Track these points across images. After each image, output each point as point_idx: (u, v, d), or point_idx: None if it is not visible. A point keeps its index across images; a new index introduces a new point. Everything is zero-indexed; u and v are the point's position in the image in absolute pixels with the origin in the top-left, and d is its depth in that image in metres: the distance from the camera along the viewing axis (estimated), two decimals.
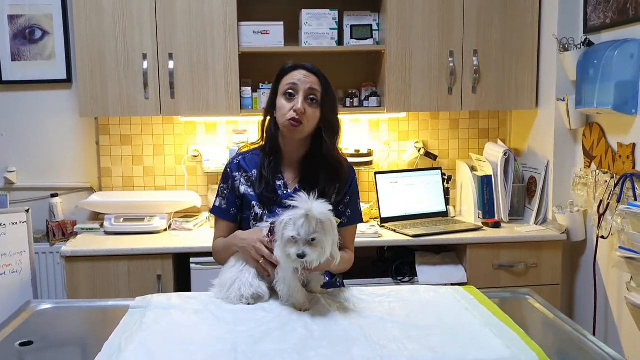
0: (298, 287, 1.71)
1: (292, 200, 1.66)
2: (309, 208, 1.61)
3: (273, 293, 1.78)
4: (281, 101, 1.93)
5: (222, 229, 2.04)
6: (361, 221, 2.12)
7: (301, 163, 2.01)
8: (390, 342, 1.47)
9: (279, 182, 1.99)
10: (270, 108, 1.99)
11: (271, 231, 1.76)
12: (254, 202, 1.97)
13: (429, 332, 1.54)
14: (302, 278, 1.73)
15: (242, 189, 2.00)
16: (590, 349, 1.54)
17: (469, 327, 1.59)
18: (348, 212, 2.02)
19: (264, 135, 2.03)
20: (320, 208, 1.63)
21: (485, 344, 1.47)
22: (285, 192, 1.97)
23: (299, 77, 1.92)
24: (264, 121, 2.03)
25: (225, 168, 2.06)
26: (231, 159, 2.09)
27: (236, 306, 1.72)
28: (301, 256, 1.62)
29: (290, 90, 1.91)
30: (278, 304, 1.73)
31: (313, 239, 1.62)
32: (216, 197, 2.06)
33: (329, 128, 1.96)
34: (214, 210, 2.07)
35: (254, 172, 2.00)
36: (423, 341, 1.48)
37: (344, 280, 2.18)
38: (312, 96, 1.92)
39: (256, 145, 2.06)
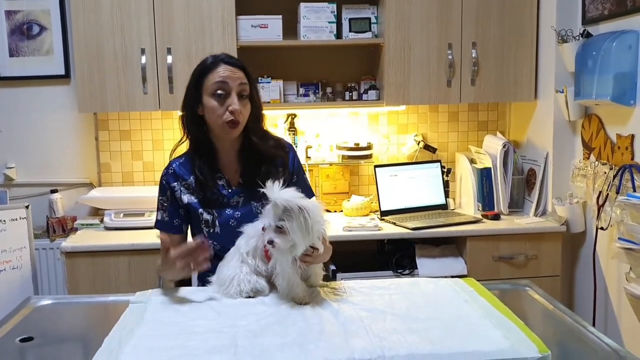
0: (297, 281, 1.71)
1: (262, 188, 1.64)
2: (273, 195, 1.61)
3: (273, 287, 1.78)
4: (211, 102, 1.86)
5: (168, 243, 1.98)
6: (313, 195, 2.05)
7: (238, 157, 1.96)
8: (390, 334, 1.47)
9: (220, 182, 1.94)
10: (192, 105, 1.90)
11: None
12: (200, 210, 1.93)
13: (428, 324, 1.54)
14: (301, 272, 1.73)
15: (185, 198, 1.94)
16: (589, 340, 1.55)
17: (469, 319, 1.59)
18: (299, 190, 1.99)
19: (188, 134, 1.95)
20: (285, 195, 1.61)
21: (485, 336, 1.47)
22: (229, 190, 1.94)
23: (227, 75, 1.85)
24: (185, 118, 1.94)
25: (161, 179, 1.98)
26: (165, 168, 1.99)
27: (236, 300, 1.72)
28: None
29: (219, 91, 1.84)
30: (278, 297, 1.73)
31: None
32: (157, 211, 1.99)
33: (258, 117, 1.93)
34: (157, 225, 2.00)
35: (192, 178, 1.94)
36: (423, 333, 1.48)
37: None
38: (243, 92, 1.87)
39: (183, 144, 1.99)
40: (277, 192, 1.62)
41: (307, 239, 1.64)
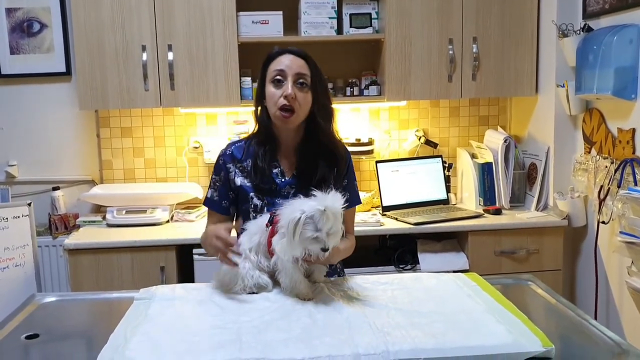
0: (300, 278, 1.71)
1: (311, 197, 1.66)
2: (328, 205, 1.61)
3: (276, 283, 1.78)
4: (270, 89, 1.88)
5: (214, 221, 2.02)
6: (360, 202, 2.10)
7: (297, 150, 1.97)
8: (394, 329, 1.48)
9: (275, 170, 1.95)
10: (261, 97, 1.94)
11: (270, 221, 1.76)
12: (251, 194, 1.94)
13: (432, 319, 1.55)
14: (304, 269, 1.73)
15: (238, 180, 1.96)
16: (592, 333, 1.55)
17: (472, 313, 1.59)
18: (347, 195, 1.95)
19: (258, 124, 1.98)
20: (336, 202, 1.64)
21: (488, 330, 1.47)
22: (282, 180, 1.95)
23: (286, 63, 1.86)
24: (256, 111, 1.98)
25: (218, 159, 2.01)
26: (223, 149, 2.02)
27: (240, 296, 1.73)
28: (325, 250, 1.63)
29: (278, 77, 1.86)
30: (281, 293, 1.74)
31: (331, 233, 1.63)
32: (208, 189, 2.03)
33: (323, 112, 1.92)
34: (206, 202, 2.03)
35: (249, 161, 1.96)
36: (426, 328, 1.49)
37: (345, 269, 2.17)
38: (301, 80, 1.86)
39: (249, 134, 2.03)
40: (330, 201, 1.63)
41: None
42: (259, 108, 1.96)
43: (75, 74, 3.12)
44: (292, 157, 1.98)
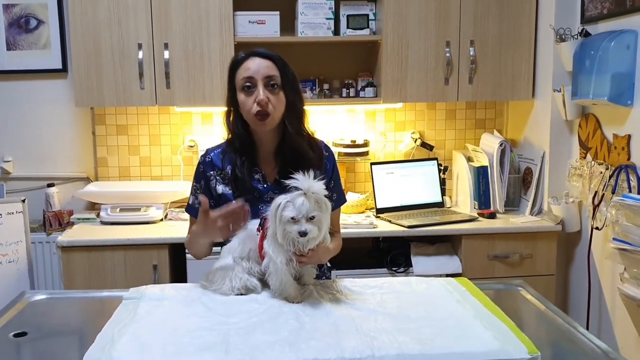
0: (290, 281, 1.71)
1: (290, 180, 1.63)
2: (308, 187, 1.61)
3: (265, 285, 1.78)
4: (241, 97, 1.85)
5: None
6: (345, 201, 2.08)
7: (277, 153, 1.94)
8: (381, 334, 1.47)
9: (256, 176, 1.92)
10: (232, 104, 1.91)
11: (261, 225, 1.75)
12: (233, 202, 1.88)
13: (419, 324, 1.54)
14: (294, 272, 1.73)
15: (220, 189, 1.93)
16: (580, 341, 1.55)
17: (460, 319, 1.59)
18: (334, 196, 1.98)
19: (231, 132, 1.94)
20: (319, 187, 1.63)
21: (475, 336, 1.47)
22: (264, 185, 1.92)
23: (254, 68, 1.83)
24: (227, 118, 1.94)
25: (198, 166, 1.98)
26: (202, 156, 1.99)
27: (228, 298, 1.73)
28: (303, 234, 1.61)
29: (247, 84, 1.83)
30: (270, 296, 1.74)
31: (312, 217, 1.62)
32: (190, 195, 2.00)
33: (293, 112, 1.88)
34: (188, 209, 2.01)
35: (229, 168, 1.92)
36: (413, 333, 1.49)
37: (335, 271, 2.16)
38: (272, 82, 1.83)
39: (226, 138, 1.98)
40: (311, 184, 1.62)
41: (326, 233, 1.68)
42: (231, 115, 1.92)
43: (71, 71, 3.12)
44: (272, 161, 1.94)
